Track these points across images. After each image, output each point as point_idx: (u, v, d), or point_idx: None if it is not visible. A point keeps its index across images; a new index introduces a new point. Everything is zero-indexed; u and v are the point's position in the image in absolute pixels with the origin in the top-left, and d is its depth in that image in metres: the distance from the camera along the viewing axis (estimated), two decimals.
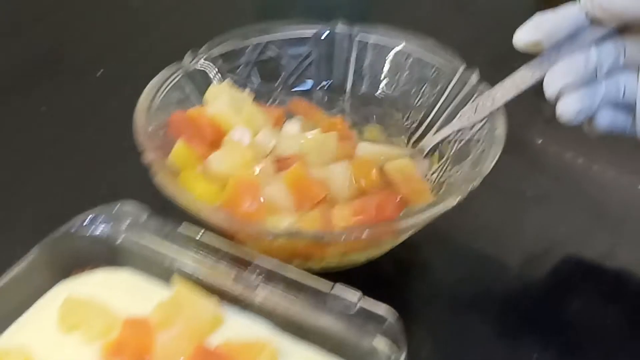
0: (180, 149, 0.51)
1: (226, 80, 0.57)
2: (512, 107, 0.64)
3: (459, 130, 0.54)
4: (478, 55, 0.70)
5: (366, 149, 0.54)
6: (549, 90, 0.47)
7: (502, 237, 0.56)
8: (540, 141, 0.64)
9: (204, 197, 0.48)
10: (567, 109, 0.46)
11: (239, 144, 0.52)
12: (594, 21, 0.46)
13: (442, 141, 0.54)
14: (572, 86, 0.46)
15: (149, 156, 0.48)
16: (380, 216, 0.47)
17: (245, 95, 0.56)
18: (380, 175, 0.51)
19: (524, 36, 0.47)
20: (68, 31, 0.76)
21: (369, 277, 0.51)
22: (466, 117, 0.52)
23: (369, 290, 0.51)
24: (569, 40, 0.47)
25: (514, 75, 0.50)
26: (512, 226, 0.57)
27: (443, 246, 0.55)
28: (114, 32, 0.76)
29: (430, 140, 0.54)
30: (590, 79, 0.47)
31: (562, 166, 0.62)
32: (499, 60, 0.70)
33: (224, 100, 0.53)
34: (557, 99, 0.47)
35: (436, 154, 0.55)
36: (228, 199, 0.48)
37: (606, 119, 0.48)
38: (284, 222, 0.47)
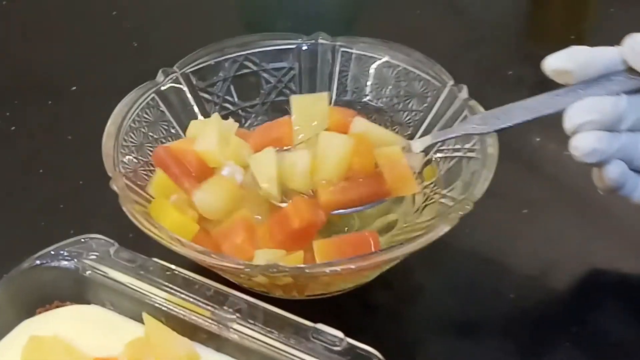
0: (160, 180, 0.50)
1: (214, 115, 0.54)
2: (503, 102, 0.64)
3: (455, 140, 0.51)
4: (466, 66, 0.70)
5: (362, 125, 0.51)
6: (570, 122, 0.45)
7: (497, 255, 0.53)
8: (538, 139, 0.62)
9: (177, 228, 0.45)
10: (583, 144, 0.45)
11: (230, 180, 0.50)
12: (630, 71, 0.45)
13: (439, 143, 0.51)
14: (593, 124, 0.45)
15: (117, 184, 0.46)
16: (362, 249, 0.44)
17: (231, 126, 0.53)
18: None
19: (555, 63, 0.46)
20: (40, 48, 0.73)
21: (356, 303, 0.50)
22: (471, 125, 0.49)
23: (356, 318, 0.49)
24: (599, 81, 0.46)
25: (537, 98, 0.48)
26: (508, 242, 0.54)
27: (436, 267, 0.52)
28: (87, 49, 0.73)
29: (427, 140, 0.51)
30: (613, 126, 0.45)
31: (560, 171, 0.59)
32: (488, 73, 0.70)
33: (213, 138, 0.51)
34: (574, 132, 0.45)
35: (430, 167, 0.53)
36: (217, 233, 0.47)
37: (617, 171, 0.46)
38: (268, 257, 0.45)
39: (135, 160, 0.50)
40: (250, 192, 0.49)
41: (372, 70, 0.56)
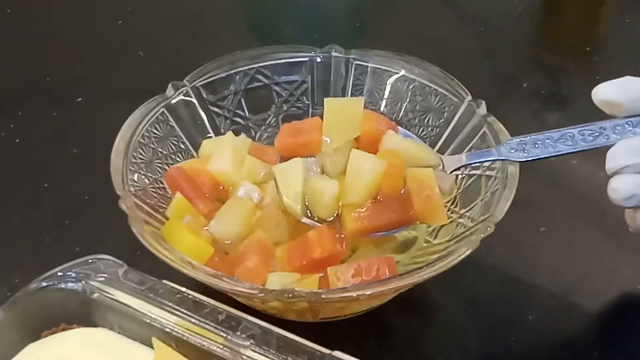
0: (178, 202, 0.48)
1: (228, 133, 0.54)
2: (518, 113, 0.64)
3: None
4: (481, 77, 0.69)
5: (395, 141, 0.48)
6: (612, 163, 0.44)
7: (517, 274, 0.52)
8: None
9: (191, 251, 0.44)
10: (621, 188, 0.44)
11: (246, 202, 0.49)
12: None
13: (474, 165, 0.50)
14: (636, 167, 0.44)
15: (126, 203, 0.44)
16: (378, 275, 0.43)
17: (244, 144, 0.53)
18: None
19: (606, 93, 0.45)
20: (45, 58, 0.72)
21: (372, 326, 0.48)
22: (508, 150, 0.47)
23: (372, 341, 0.48)
24: None
25: (581, 128, 0.46)
26: (528, 261, 0.53)
27: (453, 287, 0.51)
28: (93, 59, 0.71)
29: (460, 160, 0.49)
30: None
31: (582, 186, 0.58)
32: (503, 85, 0.69)
33: (227, 158, 0.50)
34: (614, 173, 0.44)
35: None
36: (232, 256, 0.46)
37: None
38: (282, 280, 0.44)
39: (144, 177, 0.49)
40: (268, 211, 0.48)
41: (387, 84, 0.55)
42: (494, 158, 0.47)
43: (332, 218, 0.47)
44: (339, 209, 0.46)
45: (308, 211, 0.47)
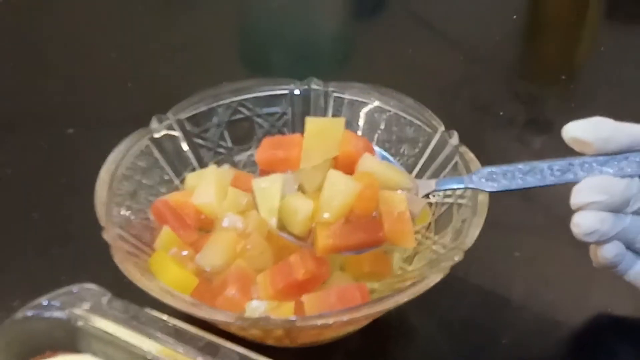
0: (166, 235, 0.50)
1: (212, 165, 0.55)
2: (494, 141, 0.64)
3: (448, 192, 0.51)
4: (459, 105, 0.70)
5: (370, 164, 0.49)
6: (577, 198, 0.45)
7: (492, 298, 0.53)
8: None
9: (176, 282, 0.45)
10: (585, 223, 0.45)
11: (230, 233, 0.50)
12: None
13: (447, 193, 0.51)
14: (600, 205, 0.45)
15: (109, 234, 0.46)
16: (351, 301, 0.44)
17: (227, 175, 0.54)
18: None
19: (577, 132, 0.45)
20: (38, 90, 0.73)
21: (349, 350, 0.49)
22: (479, 179, 0.48)
23: None
24: (616, 157, 0.45)
25: (551, 163, 0.47)
26: (503, 285, 0.54)
27: (430, 311, 0.52)
28: (85, 91, 0.73)
29: (430, 186, 0.50)
30: (619, 208, 0.45)
31: (556, 208, 0.58)
32: (480, 113, 0.71)
33: (211, 190, 0.51)
34: (578, 208, 0.45)
35: (423, 210, 0.52)
36: (215, 285, 0.47)
37: (613, 252, 0.46)
38: (259, 308, 0.45)
39: (128, 209, 0.50)
40: (252, 240, 0.49)
41: (362, 115, 0.56)
42: (463, 186, 0.48)
43: (305, 234, 0.48)
44: (312, 226, 0.47)
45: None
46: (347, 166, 0.48)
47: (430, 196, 0.51)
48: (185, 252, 0.50)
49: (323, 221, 0.47)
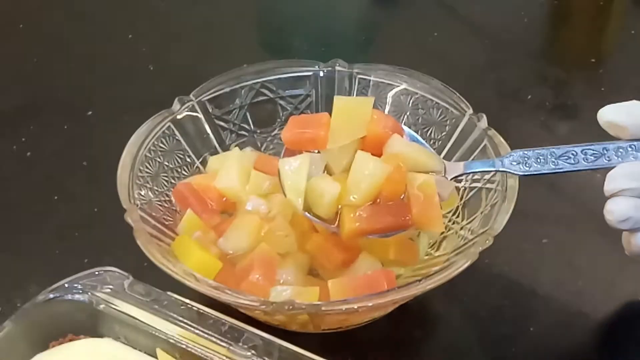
0: (189, 219, 0.50)
1: (234, 148, 0.55)
2: (521, 126, 0.64)
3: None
4: (485, 90, 0.69)
5: (399, 146, 0.48)
6: (610, 185, 0.44)
7: (519, 286, 0.53)
8: None
9: (200, 266, 0.45)
10: (618, 210, 0.44)
11: (254, 216, 0.49)
12: None
13: (475, 177, 0.50)
14: (634, 192, 0.44)
15: (132, 216, 0.45)
16: (377, 287, 0.43)
17: (250, 158, 0.53)
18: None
19: (612, 115, 0.45)
20: (56, 72, 0.73)
21: (374, 336, 0.49)
22: (509, 162, 0.47)
23: (374, 351, 0.48)
24: None
25: (584, 147, 0.46)
26: (530, 272, 0.53)
27: (455, 298, 0.51)
28: (104, 72, 0.72)
29: (458, 169, 0.49)
30: None
31: (586, 194, 0.57)
32: (507, 97, 0.69)
33: (234, 174, 0.51)
34: (612, 195, 0.44)
35: (454, 193, 0.51)
36: (239, 269, 0.47)
37: None
38: (284, 293, 0.44)
39: (150, 191, 0.50)
40: (276, 223, 0.49)
41: (389, 98, 0.56)
42: (494, 169, 0.48)
43: (331, 217, 0.47)
44: (338, 208, 0.47)
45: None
46: (375, 147, 0.48)
47: (459, 180, 0.51)
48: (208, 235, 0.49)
49: (350, 204, 0.46)
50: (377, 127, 0.48)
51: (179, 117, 0.53)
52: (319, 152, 0.48)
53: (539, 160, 0.46)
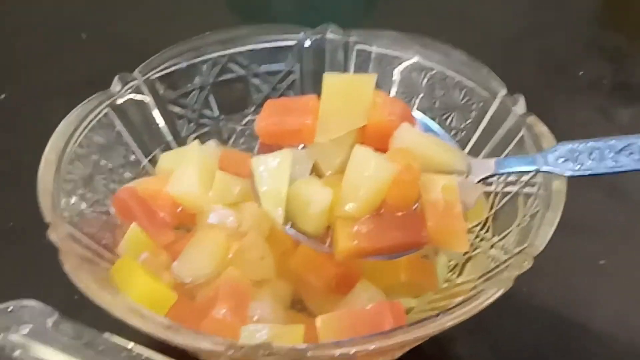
0: (134, 236, 0.50)
1: (193, 142, 0.55)
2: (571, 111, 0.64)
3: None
4: (524, 65, 0.69)
5: (410, 137, 0.47)
6: None
7: (566, 321, 0.53)
8: None
9: (148, 298, 0.45)
10: None
11: (220, 231, 0.50)
12: None
13: (510, 179, 0.51)
14: None
15: (57, 233, 0.45)
16: (380, 325, 0.43)
17: (214, 154, 0.53)
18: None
19: None
20: None
21: None
22: (552, 158, 0.47)
23: None
24: None
25: None
26: (580, 304, 0.53)
27: (483, 337, 0.52)
28: (21, 44, 0.73)
29: (488, 168, 0.49)
30: None
31: None
32: (552, 73, 0.70)
33: (193, 176, 0.51)
34: None
35: (482, 201, 0.52)
36: (199, 303, 0.47)
37: None
38: (257, 334, 0.44)
39: (82, 199, 0.50)
40: (248, 241, 0.49)
41: (397, 75, 0.56)
42: (534, 168, 0.48)
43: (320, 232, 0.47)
44: (330, 221, 0.47)
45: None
46: (378, 140, 0.47)
47: (489, 181, 0.51)
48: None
49: (345, 215, 0.46)
50: (381, 114, 0.48)
51: (119, 101, 0.53)
52: (304, 147, 0.49)
53: (593, 156, 0.46)
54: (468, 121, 0.54)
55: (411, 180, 0.46)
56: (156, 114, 0.55)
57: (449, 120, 0.55)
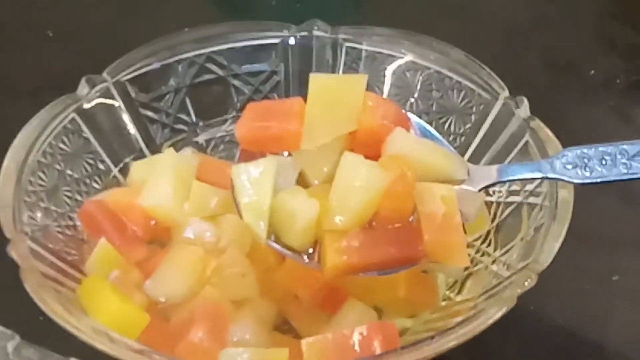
0: (103, 252, 0.50)
1: (168, 149, 0.55)
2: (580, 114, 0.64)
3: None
4: (528, 62, 0.70)
5: (404, 143, 0.47)
6: None
7: (576, 342, 0.53)
8: None
9: (116, 321, 0.45)
10: None
11: (196, 247, 0.50)
12: None
13: (513, 188, 0.51)
14: None
15: (18, 250, 0.45)
16: (370, 348, 0.43)
17: (190, 163, 0.53)
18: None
19: None
20: None
21: None
22: (559, 164, 0.47)
23: None
24: None
25: None
26: (591, 324, 0.54)
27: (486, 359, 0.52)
28: None
29: (490, 176, 0.49)
30: None
31: None
32: (560, 72, 0.70)
33: (167, 186, 0.51)
34: None
35: (483, 212, 0.52)
36: (174, 325, 0.47)
37: None
38: (238, 359, 0.44)
39: (45, 213, 0.50)
40: (228, 258, 0.49)
41: (389, 74, 0.57)
42: (540, 175, 0.48)
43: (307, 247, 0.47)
44: (318, 235, 0.47)
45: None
46: (370, 146, 0.48)
47: (491, 191, 0.51)
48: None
49: (334, 229, 0.46)
50: (373, 118, 0.48)
51: (87, 105, 0.54)
52: (289, 154, 0.49)
53: (604, 162, 0.47)
54: (468, 125, 0.55)
55: (405, 189, 0.46)
56: (127, 119, 0.56)
57: (447, 125, 0.55)
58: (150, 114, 0.56)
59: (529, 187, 0.50)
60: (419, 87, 0.56)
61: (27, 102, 0.54)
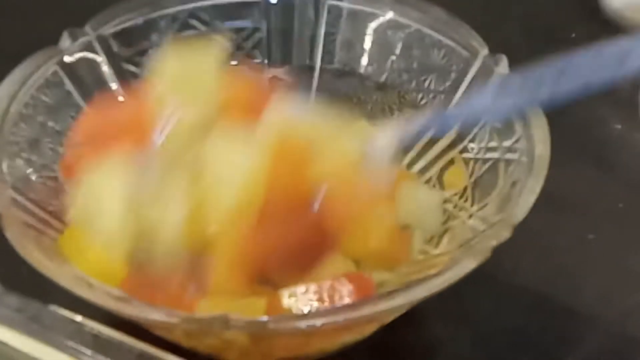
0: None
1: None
2: None
3: (490, 135, 0.51)
4: (508, 24, 0.70)
5: (285, 108, 0.47)
6: None
7: (550, 302, 0.54)
8: (618, 127, 0.62)
9: (99, 269, 0.45)
10: None
11: None
12: None
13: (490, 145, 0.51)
14: None
15: (0, 199, 0.45)
16: (345, 299, 0.44)
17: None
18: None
19: None
20: None
21: None
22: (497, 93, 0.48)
23: None
24: None
25: (597, 50, 0.47)
26: (566, 283, 0.54)
27: (459, 318, 0.53)
28: None
29: (395, 128, 0.49)
30: None
31: None
32: (540, 35, 0.70)
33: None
34: None
35: (454, 169, 0.53)
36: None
37: None
38: (217, 306, 0.44)
39: (27, 163, 0.50)
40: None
41: (370, 32, 0.57)
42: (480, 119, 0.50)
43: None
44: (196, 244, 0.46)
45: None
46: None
47: (469, 147, 0.52)
48: None
49: (213, 230, 0.45)
50: (243, 85, 0.49)
51: (69, 59, 0.54)
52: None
53: (542, 81, 0.46)
54: (447, 83, 0.55)
55: (294, 160, 0.45)
56: (109, 74, 0.56)
57: (427, 82, 0.56)
58: (132, 68, 0.56)
59: (507, 143, 0.50)
60: (399, 45, 0.56)
61: (5, 55, 0.54)
